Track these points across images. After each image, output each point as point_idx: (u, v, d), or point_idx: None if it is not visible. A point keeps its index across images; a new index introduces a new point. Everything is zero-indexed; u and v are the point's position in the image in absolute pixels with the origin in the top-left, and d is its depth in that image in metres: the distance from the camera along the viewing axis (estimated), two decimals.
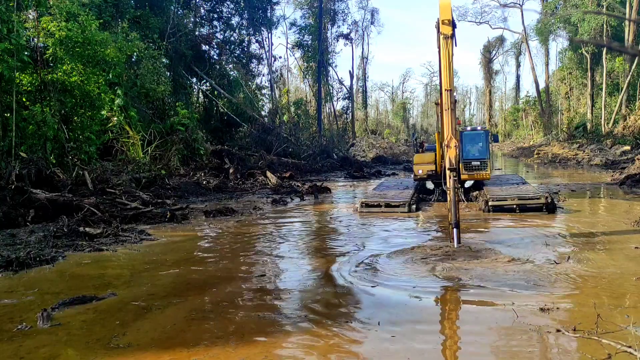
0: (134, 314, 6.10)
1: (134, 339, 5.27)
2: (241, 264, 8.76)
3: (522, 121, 75.00)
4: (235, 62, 39.04)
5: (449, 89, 10.24)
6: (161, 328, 5.62)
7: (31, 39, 18.46)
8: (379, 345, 5.08)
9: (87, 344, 5.17)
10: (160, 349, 5.06)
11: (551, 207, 13.50)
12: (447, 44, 10.26)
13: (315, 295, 6.84)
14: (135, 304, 6.44)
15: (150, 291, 7.04)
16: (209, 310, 6.23)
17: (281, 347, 5.11)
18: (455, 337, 5.35)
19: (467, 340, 5.29)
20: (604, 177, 23.91)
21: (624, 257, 8.37)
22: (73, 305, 6.31)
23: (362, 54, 68.08)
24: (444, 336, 5.36)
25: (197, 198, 18.16)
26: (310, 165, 32.32)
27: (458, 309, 6.28)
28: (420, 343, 5.14)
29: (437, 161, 17.32)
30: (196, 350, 4.98)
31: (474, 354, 4.94)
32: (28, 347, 5.12)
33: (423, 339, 5.26)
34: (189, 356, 4.86)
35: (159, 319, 5.92)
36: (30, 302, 6.57)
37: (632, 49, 37.90)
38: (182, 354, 4.92)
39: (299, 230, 12.38)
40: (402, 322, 5.67)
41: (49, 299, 6.61)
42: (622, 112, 40.28)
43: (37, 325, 5.65)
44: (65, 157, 17.10)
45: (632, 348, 4.51)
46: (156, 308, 6.28)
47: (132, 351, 4.99)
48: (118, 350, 5.01)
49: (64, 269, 8.38)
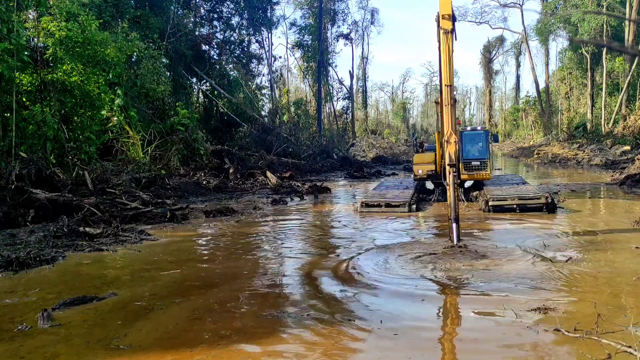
0: (135, 314, 6.10)
1: (135, 339, 5.26)
2: (242, 263, 8.76)
3: (522, 121, 75.00)
4: (235, 62, 39.04)
5: (449, 84, 10.22)
6: (163, 328, 5.62)
7: (31, 39, 18.46)
8: (381, 343, 5.08)
9: (87, 344, 5.17)
10: (162, 348, 5.06)
11: (551, 207, 13.51)
12: (447, 39, 10.22)
13: (317, 294, 6.84)
14: (136, 304, 6.44)
15: (151, 291, 7.04)
16: (211, 310, 6.23)
17: (283, 345, 5.11)
18: (455, 337, 5.35)
19: (467, 339, 5.29)
20: (604, 177, 23.91)
21: (624, 257, 8.37)
22: (74, 306, 6.30)
23: (362, 54, 68.15)
24: (444, 335, 5.36)
25: (197, 198, 18.16)
26: (310, 165, 32.31)
27: (458, 308, 6.27)
28: (421, 342, 5.15)
29: (437, 161, 17.32)
30: (199, 350, 4.98)
31: (474, 354, 4.94)
32: (28, 347, 5.12)
33: (424, 337, 5.26)
34: (192, 356, 4.86)
35: (161, 319, 5.92)
36: (30, 302, 6.57)
37: (632, 49, 37.89)
38: (184, 353, 4.92)
39: (299, 229, 12.38)
40: (404, 321, 5.67)
41: (50, 299, 6.61)
42: (622, 112, 40.28)
43: (37, 325, 5.64)
44: (65, 157, 17.10)
45: (632, 348, 4.51)
46: (158, 308, 6.28)
47: (134, 351, 4.99)
48: (119, 350, 5.01)
49: (64, 269, 8.38)
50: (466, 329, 5.61)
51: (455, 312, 6.24)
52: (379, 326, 5.48)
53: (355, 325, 5.55)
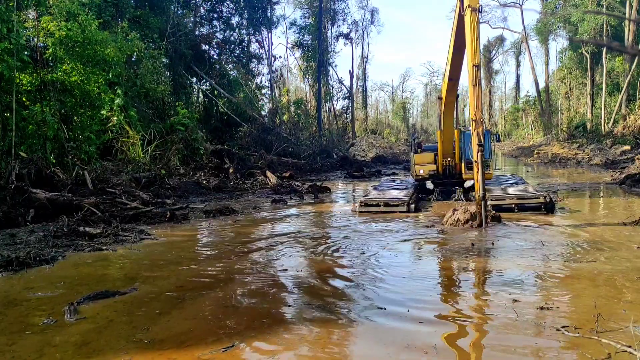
0: (160, 307, 6.29)
1: (162, 332, 5.45)
2: (242, 263, 8.76)
3: (522, 121, 75.05)
4: (235, 61, 39.05)
5: (476, 64, 10.25)
6: (190, 320, 5.81)
7: (31, 38, 18.47)
8: (385, 337, 5.10)
9: (117, 337, 5.35)
10: (186, 342, 5.19)
11: (550, 206, 13.54)
12: (474, 17, 10.29)
13: (325, 289, 6.86)
14: (156, 300, 6.60)
15: (168, 288, 7.13)
16: (229, 305, 6.41)
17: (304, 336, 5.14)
18: (455, 335, 5.35)
19: (467, 338, 5.30)
20: (603, 177, 23.91)
21: (624, 257, 8.37)
22: (97, 300, 6.49)
23: (362, 54, 68.25)
24: (444, 333, 5.36)
25: (197, 198, 18.16)
26: (310, 165, 32.32)
27: (458, 307, 6.27)
28: (423, 337, 5.16)
29: (438, 161, 17.30)
30: (221, 343, 5.10)
31: (474, 353, 4.94)
32: (60, 337, 5.31)
33: (425, 334, 5.27)
34: (218, 347, 5.00)
35: (188, 311, 6.09)
36: (54, 297, 6.76)
37: (632, 48, 37.93)
38: (208, 347, 5.05)
39: (299, 229, 12.37)
40: (405, 320, 5.68)
41: (70, 294, 6.79)
42: (622, 111, 40.29)
43: (64, 318, 5.81)
44: (65, 156, 17.10)
45: (632, 348, 4.51)
46: (178, 303, 6.44)
47: (162, 343, 5.15)
48: (144, 344, 5.14)
49: (74, 266, 8.39)
50: (465, 327, 5.61)
51: (455, 312, 6.23)
52: (381, 323, 5.49)
53: (369, 318, 5.56)
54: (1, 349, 5.04)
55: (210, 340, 5.20)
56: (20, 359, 4.83)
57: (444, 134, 17.28)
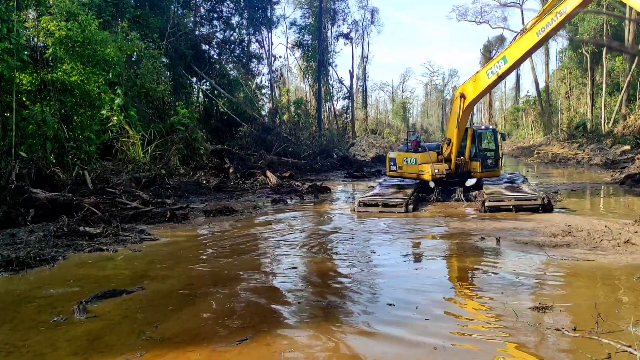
0: (173, 302, 6.42)
1: (174, 327, 5.56)
2: (243, 263, 8.76)
3: (522, 121, 74.96)
4: (235, 61, 38.99)
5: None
6: (201, 316, 5.93)
7: (31, 38, 18.47)
8: (391, 333, 5.10)
9: (128, 333, 5.46)
10: (195, 340, 5.25)
11: (548, 207, 13.56)
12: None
13: (331, 286, 6.88)
14: (163, 298, 6.69)
15: (174, 287, 7.18)
16: (236, 304, 6.47)
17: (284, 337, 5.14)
18: (455, 336, 5.35)
19: (467, 338, 5.30)
20: (604, 177, 23.91)
21: (625, 257, 8.37)
22: (105, 299, 6.58)
23: (362, 54, 68.13)
24: (446, 333, 5.36)
25: (197, 197, 18.16)
26: (310, 165, 32.29)
27: (458, 308, 6.28)
28: (424, 336, 5.18)
29: (452, 159, 16.98)
30: (234, 337, 5.20)
31: (474, 352, 4.94)
32: (72, 333, 5.47)
33: (426, 333, 5.28)
34: (232, 340, 5.12)
35: (196, 309, 6.18)
36: (62, 296, 6.87)
37: (632, 48, 37.87)
38: (228, 339, 5.15)
39: (300, 229, 12.37)
40: (406, 319, 5.69)
41: (77, 294, 6.87)
42: (622, 111, 40.26)
43: (73, 317, 5.92)
44: (65, 156, 17.10)
45: (632, 348, 4.51)
46: (184, 302, 6.51)
47: (175, 338, 5.26)
48: (156, 339, 5.24)
49: (80, 265, 8.39)
50: (465, 327, 5.61)
51: (455, 312, 6.23)
52: (385, 321, 5.49)
53: (373, 317, 5.55)
54: (16, 344, 5.23)
55: (224, 334, 5.32)
56: (35, 352, 5.01)
57: (460, 133, 16.86)
